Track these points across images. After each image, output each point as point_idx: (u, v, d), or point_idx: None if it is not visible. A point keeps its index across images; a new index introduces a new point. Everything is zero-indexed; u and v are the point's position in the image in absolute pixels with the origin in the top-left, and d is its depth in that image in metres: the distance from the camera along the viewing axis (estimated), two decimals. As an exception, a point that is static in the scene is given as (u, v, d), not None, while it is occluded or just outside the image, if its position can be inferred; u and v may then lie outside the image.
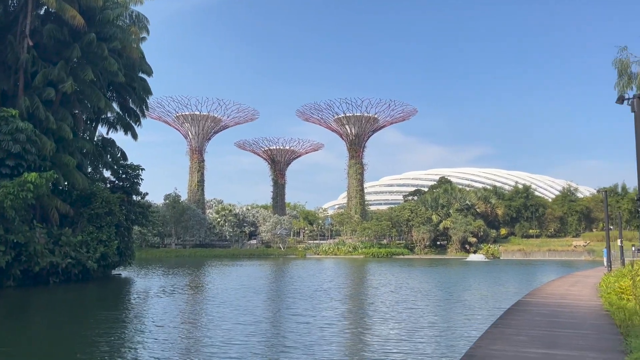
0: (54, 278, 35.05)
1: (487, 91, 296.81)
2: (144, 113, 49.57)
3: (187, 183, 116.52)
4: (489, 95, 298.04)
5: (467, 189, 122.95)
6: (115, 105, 46.69)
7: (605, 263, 38.44)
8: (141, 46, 46.52)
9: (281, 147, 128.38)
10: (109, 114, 46.06)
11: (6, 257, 31.13)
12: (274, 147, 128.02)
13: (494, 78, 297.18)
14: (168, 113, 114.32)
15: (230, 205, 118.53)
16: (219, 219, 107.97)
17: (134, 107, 48.14)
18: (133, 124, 47.81)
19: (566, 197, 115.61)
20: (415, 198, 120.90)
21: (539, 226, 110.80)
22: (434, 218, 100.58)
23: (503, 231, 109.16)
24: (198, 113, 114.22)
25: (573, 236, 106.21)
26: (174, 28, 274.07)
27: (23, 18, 37.75)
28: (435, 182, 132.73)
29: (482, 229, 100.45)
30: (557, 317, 15.03)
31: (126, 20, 44.18)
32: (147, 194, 50.45)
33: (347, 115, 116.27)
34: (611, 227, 68.94)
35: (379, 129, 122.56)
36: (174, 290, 31.87)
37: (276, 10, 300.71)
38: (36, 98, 36.32)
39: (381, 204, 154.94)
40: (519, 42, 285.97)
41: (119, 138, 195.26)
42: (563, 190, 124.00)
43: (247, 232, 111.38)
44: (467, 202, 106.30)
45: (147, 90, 48.30)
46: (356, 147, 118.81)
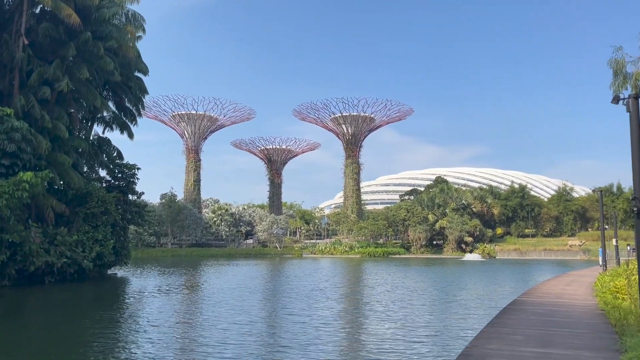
0: (50, 278, 34.94)
1: (484, 91, 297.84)
2: (140, 112, 49.41)
3: (184, 182, 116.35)
4: (485, 95, 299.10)
5: (463, 189, 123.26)
6: (111, 104, 46.54)
7: (600, 262, 38.58)
8: (137, 45, 46.34)
9: (278, 147, 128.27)
10: (105, 113, 45.94)
11: (1, 257, 31.09)
12: (271, 147, 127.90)
13: (491, 78, 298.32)
14: (164, 112, 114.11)
15: (226, 204, 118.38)
16: (215, 219, 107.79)
17: (130, 106, 47.99)
18: (129, 123, 47.66)
19: (562, 197, 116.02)
20: (411, 197, 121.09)
21: (535, 226, 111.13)
22: (430, 217, 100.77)
23: (499, 231, 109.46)
24: (194, 112, 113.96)
25: (569, 236, 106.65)
26: (171, 27, 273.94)
27: (18, 17, 37.61)
28: (431, 182, 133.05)
29: (478, 229, 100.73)
30: (553, 317, 15.08)
31: (122, 19, 43.98)
32: (143, 194, 50.50)
33: (344, 114, 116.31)
34: (606, 227, 69.18)
35: (376, 129, 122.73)
36: (170, 289, 31.81)
37: (273, 9, 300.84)
38: (31, 97, 36.18)
39: (377, 204, 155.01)
40: (516, 43, 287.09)
41: (115, 137, 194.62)
42: (559, 190, 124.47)
43: (244, 232, 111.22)
44: (463, 202, 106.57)
45: (143, 89, 48.15)
46: (352, 147, 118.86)
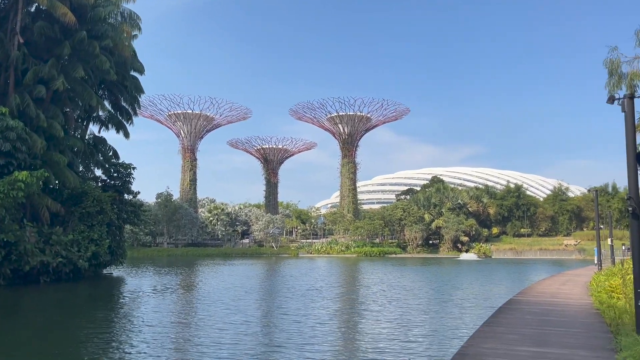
0: (45, 277, 34.83)
1: (480, 91, 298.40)
2: (136, 111, 49.32)
3: (179, 182, 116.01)
4: (482, 95, 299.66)
5: (459, 188, 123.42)
6: (106, 103, 46.42)
7: (596, 262, 38.72)
8: (133, 44, 46.24)
9: (274, 146, 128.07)
10: (101, 112, 45.80)
11: (-4, 256, 30.95)
12: (267, 146, 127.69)
13: (487, 78, 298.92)
14: (160, 111, 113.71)
15: (222, 204, 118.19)
16: (212, 218, 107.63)
17: (126, 106, 47.87)
18: (125, 123, 47.54)
19: (557, 197, 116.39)
20: (407, 197, 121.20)
21: (531, 225, 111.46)
22: (426, 217, 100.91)
23: (495, 230, 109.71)
24: (190, 112, 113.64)
25: (564, 235, 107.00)
26: (167, 26, 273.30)
27: (13, 15, 37.45)
28: (427, 182, 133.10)
29: (474, 228, 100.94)
30: (548, 316, 15.12)
31: (118, 17, 43.87)
32: (139, 193, 50.37)
33: (340, 114, 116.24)
34: (602, 226, 69.33)
35: (372, 128, 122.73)
36: (166, 289, 31.74)
37: (271, 8, 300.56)
38: (27, 96, 36.03)
39: (374, 203, 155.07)
40: (512, 43, 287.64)
41: (111, 136, 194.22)
42: (554, 189, 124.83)
43: (240, 231, 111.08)
44: (459, 201, 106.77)
45: (139, 88, 48.06)
46: (349, 146, 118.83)
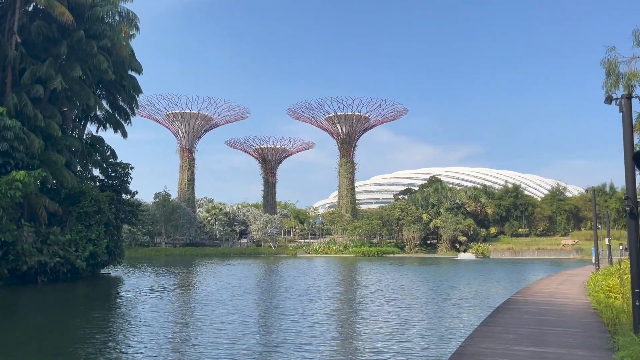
0: (42, 277, 34.76)
1: (479, 91, 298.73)
2: (134, 111, 49.24)
3: (177, 182, 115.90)
4: (481, 95, 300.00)
5: (457, 188, 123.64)
6: (104, 103, 46.33)
7: (593, 261, 38.80)
8: (131, 44, 46.15)
9: (272, 146, 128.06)
10: (99, 112, 45.70)
11: (-7, 256, 30.89)
12: (265, 146, 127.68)
13: (486, 78, 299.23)
14: (158, 111, 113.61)
15: (220, 204, 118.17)
16: (210, 218, 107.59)
17: (124, 105, 47.79)
18: (123, 122, 47.47)
19: (555, 197, 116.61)
20: (405, 197, 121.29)
21: (528, 225, 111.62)
22: (425, 217, 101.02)
23: (493, 230, 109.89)
24: (188, 111, 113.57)
25: (562, 235, 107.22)
26: (165, 25, 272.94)
27: (11, 15, 37.36)
28: (425, 181, 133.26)
29: (472, 228, 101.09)
30: (546, 316, 15.14)
31: (115, 17, 43.78)
32: (137, 193, 50.34)
33: (338, 114, 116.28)
34: (599, 226, 69.52)
35: (370, 128, 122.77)
36: (163, 289, 31.72)
37: (269, 7, 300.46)
38: (24, 95, 35.95)
39: (372, 203, 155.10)
40: (511, 43, 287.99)
41: (109, 136, 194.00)
42: (552, 189, 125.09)
43: (238, 231, 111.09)
44: (457, 201, 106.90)
45: (137, 88, 47.96)
46: (347, 146, 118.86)
